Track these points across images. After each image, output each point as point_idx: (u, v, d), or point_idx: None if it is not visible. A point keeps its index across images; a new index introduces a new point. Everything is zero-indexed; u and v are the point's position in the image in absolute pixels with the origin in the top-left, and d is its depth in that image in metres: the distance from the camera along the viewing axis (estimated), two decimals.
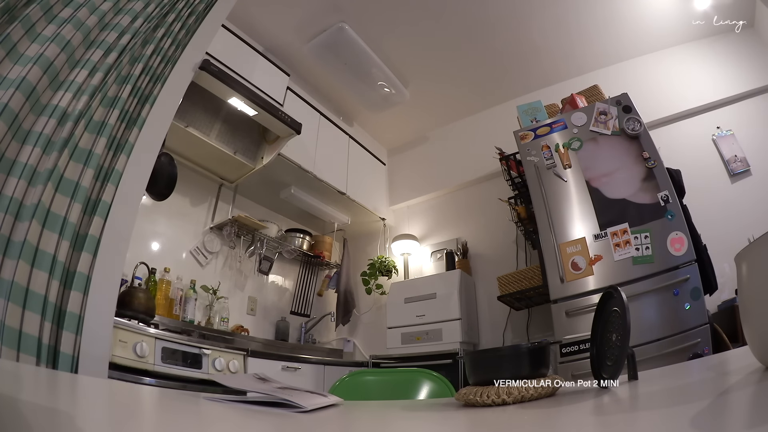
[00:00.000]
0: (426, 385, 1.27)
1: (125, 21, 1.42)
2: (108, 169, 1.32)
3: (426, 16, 3.04)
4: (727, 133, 2.89)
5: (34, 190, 1.10)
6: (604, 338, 0.68)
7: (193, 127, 2.60)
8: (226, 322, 2.79)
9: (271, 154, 2.92)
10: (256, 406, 0.62)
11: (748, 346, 0.48)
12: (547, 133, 2.53)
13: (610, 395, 0.59)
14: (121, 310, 1.92)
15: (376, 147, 4.26)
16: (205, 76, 2.34)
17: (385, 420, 0.59)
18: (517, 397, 0.61)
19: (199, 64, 1.87)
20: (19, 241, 1.04)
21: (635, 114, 2.39)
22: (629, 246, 2.12)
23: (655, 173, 2.22)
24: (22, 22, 1.18)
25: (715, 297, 2.24)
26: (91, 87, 1.27)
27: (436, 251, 3.72)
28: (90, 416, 0.48)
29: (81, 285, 1.14)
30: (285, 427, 0.52)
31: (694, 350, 1.87)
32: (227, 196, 3.13)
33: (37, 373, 0.84)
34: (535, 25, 3.14)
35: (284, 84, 3.11)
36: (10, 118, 1.08)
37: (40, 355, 1.02)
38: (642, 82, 3.16)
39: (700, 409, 0.39)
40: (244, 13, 2.86)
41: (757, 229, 1.63)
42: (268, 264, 3.24)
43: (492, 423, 0.54)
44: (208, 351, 2.06)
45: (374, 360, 3.12)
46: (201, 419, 0.56)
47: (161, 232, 2.68)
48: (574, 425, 0.48)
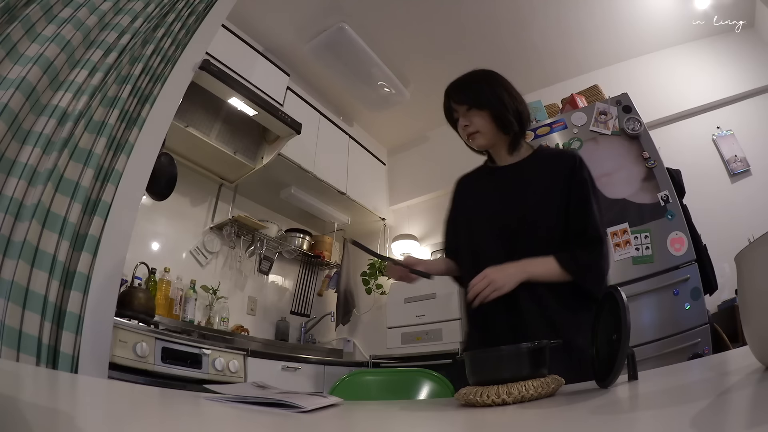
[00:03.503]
0: (426, 385, 1.27)
1: (125, 21, 1.42)
2: (108, 169, 1.32)
3: (426, 16, 3.04)
4: (727, 133, 2.89)
5: (34, 190, 1.10)
6: (604, 338, 0.68)
7: (193, 127, 2.60)
8: (226, 322, 2.79)
9: (271, 154, 2.92)
10: (256, 407, 0.62)
11: (748, 346, 0.48)
12: (547, 133, 2.53)
13: (610, 395, 0.59)
14: (121, 310, 1.92)
15: (376, 147, 4.26)
16: (205, 76, 2.34)
17: (385, 420, 0.59)
18: (517, 397, 0.61)
19: (199, 64, 1.87)
20: (19, 241, 1.04)
21: (635, 114, 2.39)
22: (629, 246, 2.12)
23: (655, 173, 2.22)
24: (22, 22, 1.18)
25: (715, 297, 2.24)
26: (91, 87, 1.27)
27: (436, 251, 3.72)
28: (90, 416, 0.48)
29: (81, 285, 1.14)
30: (285, 427, 0.52)
31: (694, 350, 1.87)
32: (227, 196, 3.13)
33: (37, 373, 0.84)
34: (535, 25, 3.14)
35: (284, 84, 3.11)
36: (10, 118, 1.08)
37: (40, 355, 1.02)
38: (642, 82, 3.16)
39: (700, 409, 0.39)
40: (244, 13, 2.86)
41: (757, 229, 1.63)
42: (268, 264, 3.24)
43: (492, 423, 0.54)
44: (208, 351, 2.06)
45: (374, 360, 3.12)
46: (201, 419, 0.56)
47: (161, 232, 2.68)
48: (574, 425, 0.48)
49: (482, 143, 1.16)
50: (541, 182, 1.09)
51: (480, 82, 1.15)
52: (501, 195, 1.13)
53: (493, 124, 1.12)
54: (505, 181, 1.15)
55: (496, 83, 1.15)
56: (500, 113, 1.11)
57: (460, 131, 1.18)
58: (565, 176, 1.07)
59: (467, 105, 1.13)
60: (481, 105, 1.12)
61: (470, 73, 1.18)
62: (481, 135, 1.13)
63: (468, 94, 1.14)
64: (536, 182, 1.10)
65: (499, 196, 1.13)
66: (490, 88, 1.13)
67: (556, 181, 1.07)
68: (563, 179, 1.07)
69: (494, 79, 1.16)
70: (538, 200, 1.07)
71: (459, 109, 1.15)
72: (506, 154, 1.17)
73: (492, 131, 1.13)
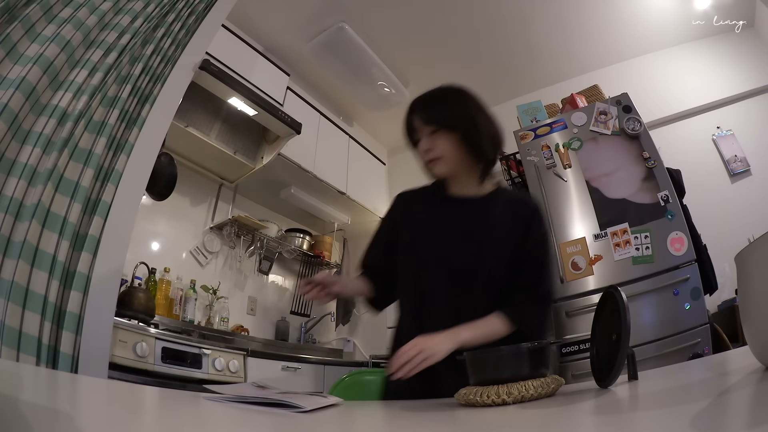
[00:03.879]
0: None
1: (125, 21, 1.42)
2: (108, 169, 1.32)
3: (426, 15, 3.04)
4: (727, 133, 2.89)
5: (34, 190, 1.10)
6: (604, 338, 0.68)
7: (193, 127, 2.60)
8: (226, 322, 2.79)
9: (271, 154, 2.92)
10: (256, 407, 0.62)
11: (748, 346, 0.48)
12: (547, 133, 2.53)
13: (610, 395, 0.59)
14: (121, 310, 1.92)
15: (376, 147, 4.26)
16: (205, 76, 2.34)
17: (385, 420, 0.59)
18: (517, 397, 0.61)
19: (199, 64, 1.87)
20: (19, 241, 1.04)
21: (635, 114, 2.39)
22: (629, 246, 2.12)
23: (655, 173, 2.22)
24: (22, 22, 1.18)
25: (715, 297, 2.24)
26: (91, 87, 1.27)
27: None
28: (90, 416, 0.48)
29: (81, 285, 1.14)
30: (285, 427, 0.52)
31: (694, 350, 1.87)
32: (227, 196, 3.13)
33: (37, 373, 0.84)
34: (535, 25, 3.14)
35: (284, 84, 3.11)
36: (10, 118, 1.08)
37: (40, 355, 1.02)
38: (642, 82, 3.16)
39: (700, 409, 0.39)
40: (244, 13, 2.86)
41: (757, 229, 1.63)
42: (268, 264, 3.24)
43: (492, 423, 0.54)
44: (208, 351, 2.06)
45: (374, 360, 3.11)
46: (201, 419, 0.56)
47: (161, 232, 2.68)
48: (574, 425, 0.48)
49: (444, 171, 1.02)
50: (504, 226, 1.00)
51: (452, 100, 1.02)
52: (461, 232, 1.01)
53: (462, 150, 0.99)
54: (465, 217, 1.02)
55: (471, 102, 1.02)
56: (473, 137, 0.98)
57: (420, 154, 1.03)
58: (526, 224, 1.00)
59: (435, 126, 0.99)
60: (452, 127, 0.98)
61: (440, 88, 1.04)
62: (444, 162, 0.99)
63: (438, 112, 1.00)
64: (500, 226, 1.00)
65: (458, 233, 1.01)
66: (464, 107, 1.01)
67: (517, 228, 0.99)
68: (524, 228, 1.00)
69: (468, 97, 1.03)
70: (498, 246, 0.98)
71: (423, 129, 1.00)
72: (468, 185, 1.04)
73: (458, 158, 1.00)
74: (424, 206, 1.10)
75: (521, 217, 1.01)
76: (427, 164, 1.03)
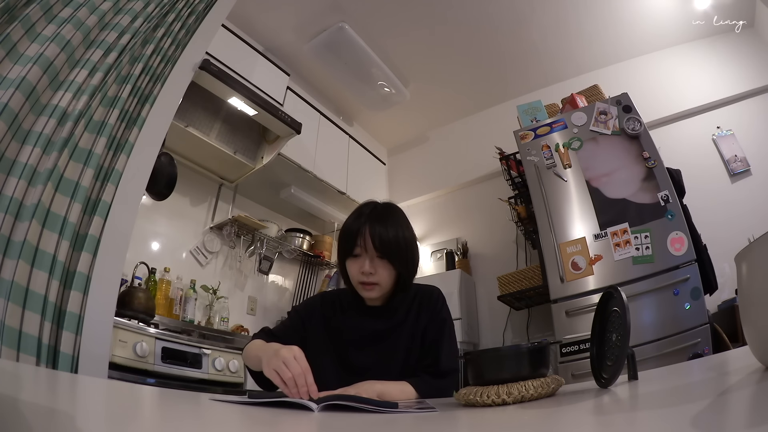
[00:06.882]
0: None
1: (125, 21, 1.42)
2: (108, 169, 1.32)
3: (426, 15, 3.04)
4: (727, 133, 2.89)
5: (34, 190, 1.10)
6: (604, 338, 0.68)
7: (193, 126, 2.60)
8: (226, 322, 2.79)
9: (271, 154, 2.92)
10: (261, 407, 0.62)
11: (748, 346, 0.48)
12: (547, 132, 2.53)
13: (610, 395, 0.59)
14: (121, 310, 1.92)
15: (376, 147, 4.26)
16: (205, 75, 2.34)
17: (386, 420, 0.59)
18: (517, 397, 0.61)
19: (199, 63, 1.87)
20: (19, 241, 1.04)
21: (635, 114, 2.39)
22: (629, 246, 2.12)
23: (655, 173, 2.22)
24: (22, 22, 1.17)
25: (715, 297, 2.24)
26: (91, 87, 1.27)
27: (436, 251, 3.72)
28: (90, 416, 0.48)
29: (81, 285, 1.14)
30: (288, 427, 0.52)
31: (694, 350, 1.87)
32: (227, 196, 3.13)
33: (37, 373, 0.84)
34: (535, 25, 3.14)
35: (284, 84, 3.11)
36: (10, 118, 1.08)
37: (40, 355, 1.02)
38: (642, 82, 3.16)
39: (700, 409, 0.39)
40: (244, 12, 2.86)
41: (757, 229, 1.63)
42: (268, 264, 3.24)
43: (492, 423, 0.54)
44: (208, 351, 2.06)
45: None
46: (201, 419, 0.56)
47: (161, 232, 2.68)
48: (574, 425, 0.48)
49: (375, 296, 1.05)
50: (410, 328, 1.08)
51: (405, 239, 1.05)
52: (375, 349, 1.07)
53: (394, 281, 1.05)
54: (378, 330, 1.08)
55: (413, 239, 1.10)
56: (407, 277, 1.07)
57: (355, 271, 1.03)
58: (429, 313, 1.09)
59: (385, 256, 1.01)
60: (399, 265, 1.03)
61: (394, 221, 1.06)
62: (379, 288, 1.04)
63: (394, 250, 1.02)
64: (407, 329, 1.08)
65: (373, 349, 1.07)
66: (411, 250, 1.07)
67: (421, 321, 1.09)
68: (428, 317, 1.09)
69: (411, 233, 1.10)
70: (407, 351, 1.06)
71: (370, 250, 1.01)
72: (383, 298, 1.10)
73: (390, 287, 1.06)
74: (347, 314, 1.13)
75: (424, 308, 1.11)
76: (361, 284, 1.04)
